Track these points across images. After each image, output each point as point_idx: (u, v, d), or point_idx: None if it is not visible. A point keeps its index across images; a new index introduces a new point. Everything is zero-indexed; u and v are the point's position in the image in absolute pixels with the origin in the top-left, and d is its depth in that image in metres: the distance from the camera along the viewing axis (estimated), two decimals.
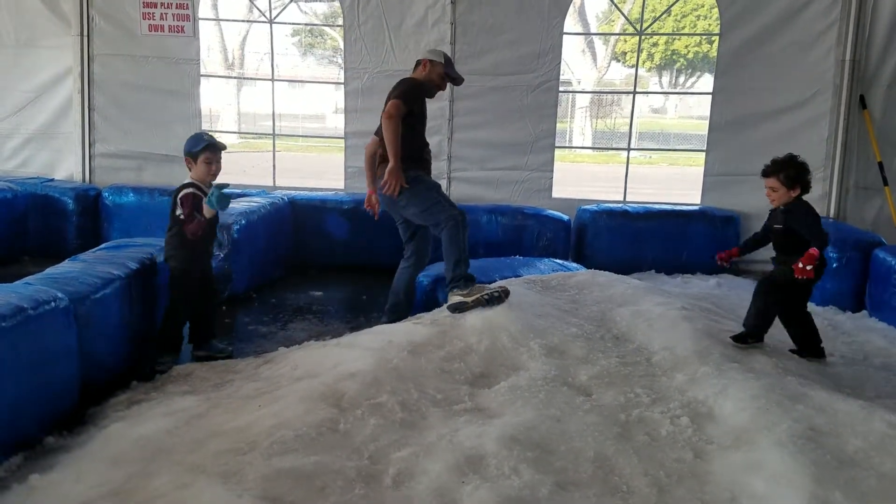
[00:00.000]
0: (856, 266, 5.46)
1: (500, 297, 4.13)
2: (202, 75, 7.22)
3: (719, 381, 3.35)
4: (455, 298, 4.20)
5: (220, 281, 5.24)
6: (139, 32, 7.01)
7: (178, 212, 4.07)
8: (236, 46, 23.24)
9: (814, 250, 3.71)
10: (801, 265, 3.69)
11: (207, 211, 4.08)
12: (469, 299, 4.13)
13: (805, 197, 3.99)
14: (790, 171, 3.92)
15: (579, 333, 3.98)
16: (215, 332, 4.44)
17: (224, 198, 4.03)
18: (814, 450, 2.75)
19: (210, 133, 4.21)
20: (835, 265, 5.46)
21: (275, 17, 7.60)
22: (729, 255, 4.26)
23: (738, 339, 3.91)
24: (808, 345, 4.11)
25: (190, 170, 4.13)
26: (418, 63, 4.84)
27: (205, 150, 4.07)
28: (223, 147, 4.20)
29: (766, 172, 3.99)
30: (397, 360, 3.53)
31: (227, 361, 4.09)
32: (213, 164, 4.12)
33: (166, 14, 6.95)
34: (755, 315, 3.96)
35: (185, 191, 4.08)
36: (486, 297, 4.12)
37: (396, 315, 4.70)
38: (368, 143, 4.84)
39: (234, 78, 23.04)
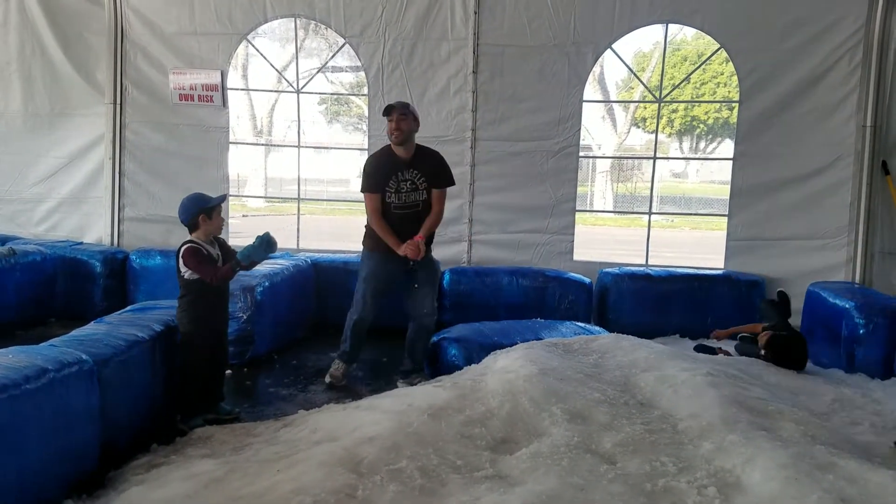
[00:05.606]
0: (883, 333, 5.34)
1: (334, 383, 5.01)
2: (231, 142, 7.40)
3: (747, 449, 3.27)
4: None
5: (241, 343, 5.27)
6: (170, 102, 7.24)
7: (184, 271, 4.09)
8: (265, 114, 23.83)
9: None
10: None
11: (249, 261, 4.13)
12: (327, 379, 5.09)
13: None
14: None
15: (603, 399, 3.91)
16: (223, 394, 4.42)
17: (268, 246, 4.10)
18: None
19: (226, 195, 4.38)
20: (861, 332, 5.37)
21: (302, 87, 7.83)
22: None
23: None
24: None
25: (195, 230, 4.14)
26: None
27: (218, 204, 4.16)
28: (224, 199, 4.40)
29: None
30: (417, 424, 3.49)
31: (246, 424, 4.08)
32: (220, 218, 4.23)
33: (196, 84, 7.18)
34: None
35: (184, 248, 4.09)
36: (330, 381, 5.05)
37: None
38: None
39: (262, 145, 23.56)
